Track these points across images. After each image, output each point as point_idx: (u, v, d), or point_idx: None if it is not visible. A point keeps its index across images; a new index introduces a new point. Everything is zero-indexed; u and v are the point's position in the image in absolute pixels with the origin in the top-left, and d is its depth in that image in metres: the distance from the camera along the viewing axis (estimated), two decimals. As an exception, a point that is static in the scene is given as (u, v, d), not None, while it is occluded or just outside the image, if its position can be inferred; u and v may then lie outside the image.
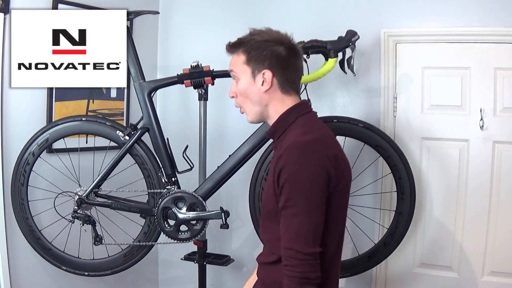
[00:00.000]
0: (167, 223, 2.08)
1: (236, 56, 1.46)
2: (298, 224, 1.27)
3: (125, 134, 2.09)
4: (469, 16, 2.30)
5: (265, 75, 1.40)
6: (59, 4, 2.32)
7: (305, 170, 1.27)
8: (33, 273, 2.29)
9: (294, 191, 1.27)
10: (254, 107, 1.45)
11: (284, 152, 1.30)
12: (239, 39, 1.47)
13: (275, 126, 1.43)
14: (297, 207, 1.27)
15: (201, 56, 2.21)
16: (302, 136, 1.33)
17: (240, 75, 1.45)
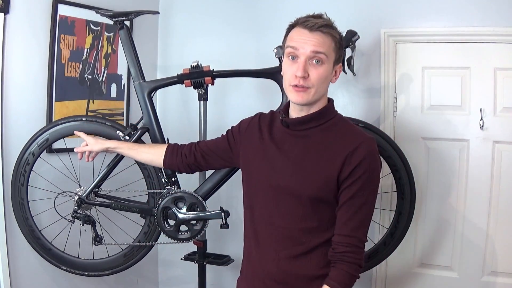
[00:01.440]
0: (167, 223, 2.08)
1: (325, 38, 1.39)
2: (365, 214, 1.38)
3: (125, 134, 2.09)
4: (469, 16, 2.30)
5: (338, 68, 1.46)
6: (59, 4, 2.32)
7: (378, 166, 1.42)
8: (33, 273, 2.29)
9: (368, 183, 1.37)
10: (320, 92, 1.41)
11: (362, 146, 1.37)
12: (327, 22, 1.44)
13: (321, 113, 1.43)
14: (366, 197, 1.37)
15: (201, 56, 2.22)
16: (365, 133, 1.44)
17: (326, 60, 1.39)
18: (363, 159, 1.35)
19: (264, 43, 2.49)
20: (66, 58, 2.40)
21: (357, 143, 1.37)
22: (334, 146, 1.39)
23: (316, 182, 1.39)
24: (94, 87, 2.56)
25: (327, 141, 1.41)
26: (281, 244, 1.45)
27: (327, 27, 1.40)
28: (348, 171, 1.36)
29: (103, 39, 2.59)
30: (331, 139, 1.41)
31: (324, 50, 1.38)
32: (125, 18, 2.09)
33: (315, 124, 1.43)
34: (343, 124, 1.46)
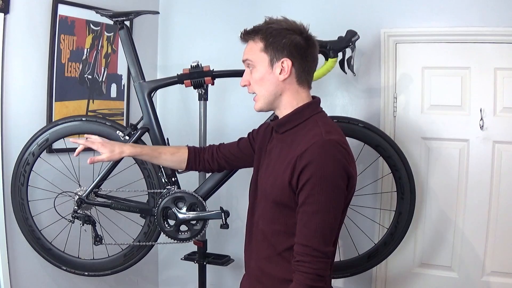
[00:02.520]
0: (167, 223, 2.08)
1: (253, 43, 1.42)
2: (318, 222, 1.28)
3: (125, 134, 2.09)
4: (469, 16, 2.30)
5: (283, 64, 1.38)
6: (59, 4, 2.32)
7: (330, 170, 1.28)
8: (33, 273, 2.29)
9: (317, 189, 1.27)
10: (268, 95, 1.41)
11: (309, 150, 1.29)
12: (255, 26, 1.43)
13: (288, 118, 1.41)
14: (318, 205, 1.28)
15: (201, 56, 2.22)
16: (326, 135, 1.32)
17: (256, 63, 1.41)
18: (309, 162, 1.28)
19: (264, 43, 2.49)
20: (66, 58, 2.40)
21: (307, 145, 1.30)
22: (291, 150, 1.36)
23: (276, 186, 1.38)
24: (94, 87, 2.56)
25: (291, 144, 1.38)
26: (260, 244, 1.47)
27: (253, 32, 1.42)
28: (296, 176, 1.31)
29: (103, 39, 2.59)
30: (294, 142, 1.37)
31: (250, 56, 1.41)
32: (125, 18, 2.09)
33: (289, 126, 1.42)
34: (311, 125, 1.39)
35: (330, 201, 1.29)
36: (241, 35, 1.45)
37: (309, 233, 1.29)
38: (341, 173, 1.30)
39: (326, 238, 1.30)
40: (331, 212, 1.30)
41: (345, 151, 1.33)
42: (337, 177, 1.29)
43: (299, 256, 1.30)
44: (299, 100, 1.42)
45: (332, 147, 1.30)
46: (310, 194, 1.28)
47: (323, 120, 1.41)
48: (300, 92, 1.42)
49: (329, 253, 1.30)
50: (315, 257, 1.28)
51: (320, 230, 1.29)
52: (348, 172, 1.31)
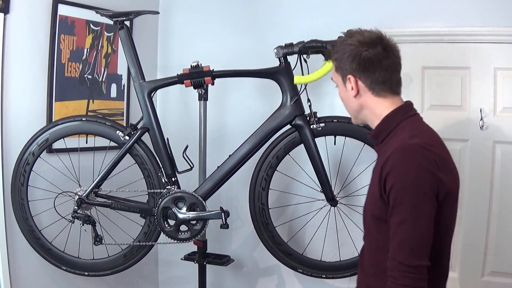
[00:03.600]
0: (167, 223, 2.08)
1: (332, 65, 1.47)
2: (403, 233, 1.20)
3: (125, 134, 2.10)
4: (469, 16, 2.30)
5: (350, 80, 1.38)
6: (59, 4, 2.32)
7: (411, 176, 1.20)
8: (33, 273, 2.29)
9: (400, 198, 1.20)
10: (352, 112, 1.45)
11: (391, 156, 1.24)
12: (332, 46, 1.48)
13: (378, 129, 1.38)
14: (402, 215, 1.20)
15: (201, 56, 2.22)
16: (408, 139, 1.25)
17: (337, 82, 1.46)
18: (390, 171, 1.22)
19: (264, 43, 2.49)
20: (66, 58, 2.40)
21: (389, 152, 1.25)
22: (381, 160, 1.31)
23: (372, 200, 1.33)
24: (94, 87, 2.56)
25: (383, 154, 1.31)
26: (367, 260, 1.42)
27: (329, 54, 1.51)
28: (382, 186, 1.25)
29: (103, 39, 2.59)
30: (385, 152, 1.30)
31: (332, 75, 1.47)
32: (125, 18, 2.09)
33: (382, 137, 1.38)
34: (400, 132, 1.32)
35: (416, 210, 1.19)
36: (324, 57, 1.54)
37: (395, 246, 1.21)
38: (426, 179, 1.20)
39: (413, 250, 1.19)
40: (418, 222, 1.19)
41: (432, 154, 1.22)
42: (422, 184, 1.19)
43: (389, 270, 1.23)
44: (382, 109, 1.38)
45: (415, 152, 1.22)
46: (394, 205, 1.21)
47: (412, 124, 1.35)
48: (381, 102, 1.38)
49: (419, 267, 1.19)
50: (401, 272, 1.20)
51: (405, 242, 1.20)
52: (437, 179, 1.21)
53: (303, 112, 2.09)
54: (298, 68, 2.05)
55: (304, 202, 2.42)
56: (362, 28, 1.42)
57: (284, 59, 2.06)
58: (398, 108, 1.38)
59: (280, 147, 2.13)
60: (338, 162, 2.39)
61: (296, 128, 2.10)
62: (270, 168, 2.15)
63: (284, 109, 2.09)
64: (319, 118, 2.10)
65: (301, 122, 2.08)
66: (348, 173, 2.42)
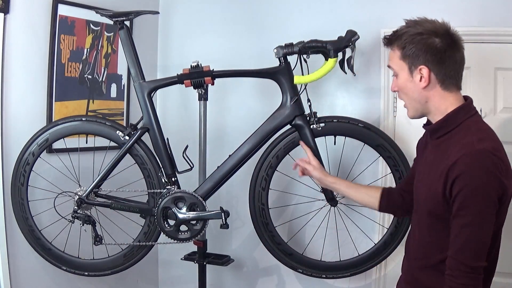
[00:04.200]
0: (167, 223, 2.08)
1: (392, 52, 1.42)
2: (468, 235, 1.25)
3: (125, 134, 2.09)
4: (469, 16, 2.30)
5: (422, 71, 1.35)
6: (59, 4, 2.32)
7: (482, 182, 1.23)
8: (33, 273, 2.29)
9: (468, 202, 1.24)
10: (414, 103, 1.42)
11: (460, 160, 1.25)
12: (394, 32, 1.42)
13: (440, 124, 1.38)
14: (468, 218, 1.24)
15: (201, 56, 2.22)
16: (477, 143, 1.27)
17: (398, 71, 1.41)
18: (461, 174, 1.24)
19: (264, 43, 2.49)
20: (66, 58, 2.40)
21: (459, 155, 1.26)
22: (444, 159, 1.32)
23: (430, 196, 1.35)
24: (94, 87, 2.56)
25: (445, 152, 1.33)
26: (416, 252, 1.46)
27: (392, 40, 1.42)
28: (449, 187, 1.27)
29: (103, 39, 2.59)
30: (447, 150, 1.33)
31: (392, 64, 1.42)
32: (125, 18, 2.09)
33: (442, 133, 1.38)
34: (464, 132, 1.33)
35: (481, 214, 1.24)
36: (383, 42, 1.45)
37: (458, 247, 1.26)
38: (494, 185, 1.24)
39: (475, 253, 1.26)
40: (482, 226, 1.25)
41: (499, 160, 1.26)
42: (490, 190, 1.24)
43: (449, 269, 1.28)
44: (447, 105, 1.37)
45: (485, 157, 1.24)
46: (461, 207, 1.25)
47: (476, 125, 1.36)
48: (447, 97, 1.37)
49: (479, 268, 1.25)
50: (463, 272, 1.25)
51: (469, 244, 1.25)
52: (502, 184, 1.24)
53: (303, 112, 2.09)
54: (298, 68, 2.05)
55: (304, 202, 2.42)
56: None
57: (284, 59, 2.06)
58: (462, 106, 1.37)
59: (280, 147, 2.13)
60: (338, 162, 2.39)
61: (296, 128, 2.10)
62: (270, 168, 2.14)
63: (284, 109, 2.09)
64: (319, 118, 2.10)
65: (301, 122, 2.08)
66: (348, 173, 2.42)
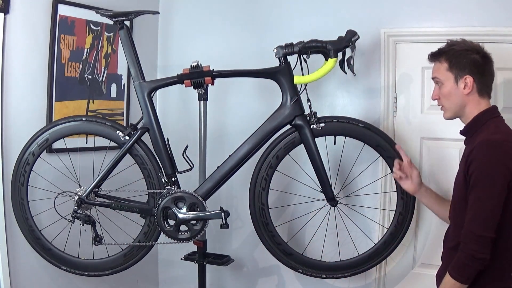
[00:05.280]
0: (167, 223, 2.08)
1: (439, 64, 1.72)
2: (477, 208, 1.53)
3: (125, 134, 2.09)
4: (469, 16, 2.30)
5: (466, 80, 1.66)
6: (59, 4, 2.32)
7: (490, 164, 1.53)
8: (33, 273, 2.29)
9: (478, 180, 1.53)
10: (454, 107, 1.71)
11: (476, 147, 1.55)
12: (439, 49, 1.74)
13: (469, 126, 1.69)
14: (478, 193, 1.53)
15: (201, 56, 2.22)
16: (491, 135, 1.58)
17: (444, 81, 1.70)
18: (474, 159, 1.54)
19: (264, 43, 2.49)
20: (66, 58, 2.40)
21: (473, 146, 1.57)
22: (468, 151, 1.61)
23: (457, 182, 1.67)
24: (94, 87, 2.56)
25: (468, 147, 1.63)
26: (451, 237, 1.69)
27: (438, 54, 1.73)
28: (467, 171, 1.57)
29: (103, 39, 2.59)
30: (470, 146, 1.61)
31: (438, 75, 1.72)
32: (125, 18, 2.09)
33: (471, 132, 1.68)
34: (485, 129, 1.63)
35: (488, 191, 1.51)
36: (428, 57, 1.78)
37: (470, 218, 1.53)
38: (500, 169, 1.51)
39: (484, 223, 1.51)
40: (489, 201, 1.51)
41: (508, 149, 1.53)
42: (496, 172, 1.51)
43: (462, 238, 1.54)
44: (480, 109, 1.68)
45: (494, 145, 1.54)
46: (473, 185, 1.54)
47: (496, 124, 1.66)
48: (481, 103, 1.68)
49: (485, 237, 1.49)
50: (472, 239, 1.51)
51: (478, 215, 1.52)
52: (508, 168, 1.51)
53: (303, 112, 2.09)
54: (298, 68, 2.05)
55: (304, 202, 2.42)
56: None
57: (284, 59, 2.06)
58: (487, 109, 1.68)
59: (280, 147, 2.13)
60: (338, 162, 2.39)
61: (296, 128, 2.10)
62: (270, 168, 2.14)
63: (284, 109, 2.09)
64: (319, 118, 2.10)
65: (301, 122, 2.08)
66: (348, 173, 2.42)
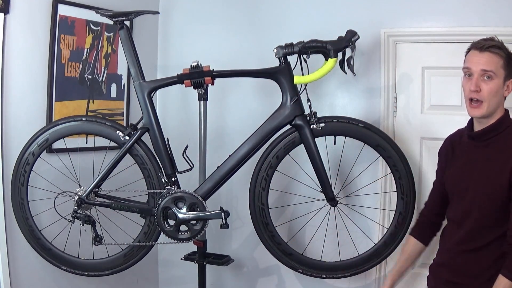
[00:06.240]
0: (167, 223, 2.08)
1: (494, 57, 1.62)
2: None
3: (125, 134, 2.10)
4: (469, 16, 2.30)
5: (510, 84, 1.64)
6: (59, 4, 2.32)
7: None
8: (33, 273, 2.29)
9: None
10: (492, 105, 1.63)
11: None
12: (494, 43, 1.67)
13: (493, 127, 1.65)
14: None
15: (201, 56, 2.22)
16: None
17: (497, 76, 1.62)
18: None
19: (264, 43, 2.49)
20: (66, 58, 2.40)
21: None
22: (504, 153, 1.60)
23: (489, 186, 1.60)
24: (94, 87, 2.56)
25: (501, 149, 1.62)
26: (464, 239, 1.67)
27: (495, 47, 1.64)
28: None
29: (103, 39, 2.59)
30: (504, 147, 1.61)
31: (492, 68, 1.62)
32: (125, 18, 2.09)
33: (494, 134, 1.65)
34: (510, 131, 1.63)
35: None
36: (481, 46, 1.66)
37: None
38: None
39: None
40: None
41: None
42: None
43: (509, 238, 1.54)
44: (501, 111, 1.67)
45: None
46: None
47: None
48: (503, 107, 1.68)
49: None
50: None
51: None
52: None
53: (303, 112, 2.09)
54: (298, 68, 2.05)
55: (304, 202, 2.42)
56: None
57: (284, 59, 2.06)
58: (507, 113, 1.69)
59: (280, 147, 2.13)
60: (338, 162, 2.39)
61: (296, 128, 2.10)
62: (270, 168, 2.14)
63: (284, 109, 2.09)
64: (319, 118, 2.10)
65: (301, 122, 2.08)
66: (348, 173, 2.42)
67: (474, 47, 1.69)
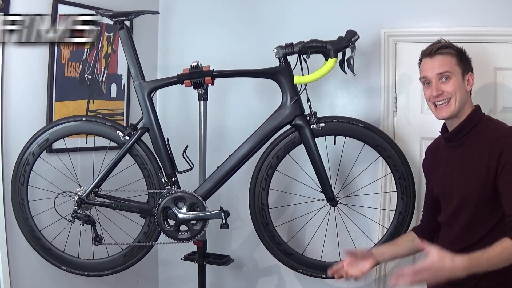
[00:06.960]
0: (167, 223, 2.08)
1: (446, 57, 1.67)
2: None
3: (125, 134, 2.10)
4: (469, 16, 2.30)
5: (469, 77, 1.70)
6: (59, 4, 2.32)
7: None
8: (33, 273, 2.29)
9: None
10: (459, 101, 1.66)
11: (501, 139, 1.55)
12: (442, 44, 1.71)
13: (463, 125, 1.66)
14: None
15: (201, 56, 2.22)
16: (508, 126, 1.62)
17: (453, 74, 1.66)
18: (505, 147, 1.52)
19: (264, 43, 2.49)
20: (66, 58, 2.40)
21: (496, 137, 1.56)
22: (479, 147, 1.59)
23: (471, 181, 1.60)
24: (94, 87, 2.56)
25: (475, 144, 1.62)
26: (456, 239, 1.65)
27: (443, 48, 1.68)
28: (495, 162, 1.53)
29: (103, 39, 2.59)
30: (477, 142, 1.61)
31: (447, 68, 1.66)
32: (125, 18, 2.09)
33: (467, 130, 1.66)
34: (487, 125, 1.64)
35: None
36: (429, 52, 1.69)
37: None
38: None
39: None
40: None
41: None
42: None
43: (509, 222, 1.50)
44: (471, 108, 1.69)
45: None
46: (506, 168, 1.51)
47: (493, 119, 1.68)
48: (471, 102, 1.71)
49: None
50: None
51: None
52: None
53: (303, 112, 2.09)
54: (298, 68, 2.05)
55: (304, 202, 2.42)
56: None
57: (284, 59, 2.06)
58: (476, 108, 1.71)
59: (280, 147, 2.13)
60: (338, 162, 2.39)
61: (296, 128, 2.10)
62: (270, 168, 2.15)
63: (284, 109, 2.09)
64: (319, 118, 2.10)
65: (301, 122, 2.08)
66: (348, 173, 2.42)
67: (423, 55, 1.72)
